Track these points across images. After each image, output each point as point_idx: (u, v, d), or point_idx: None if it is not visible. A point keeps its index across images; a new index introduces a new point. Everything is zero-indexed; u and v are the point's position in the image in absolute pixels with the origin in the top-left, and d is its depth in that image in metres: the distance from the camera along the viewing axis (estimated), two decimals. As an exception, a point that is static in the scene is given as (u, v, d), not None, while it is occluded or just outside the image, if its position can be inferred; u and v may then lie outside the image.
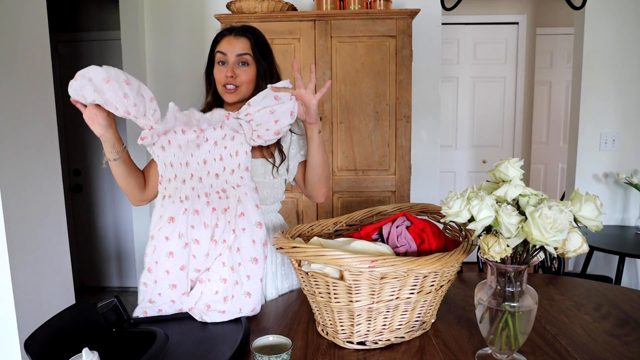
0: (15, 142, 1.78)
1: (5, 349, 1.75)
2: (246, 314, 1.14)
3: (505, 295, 0.91)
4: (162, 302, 1.16)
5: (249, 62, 1.28)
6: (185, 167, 1.17)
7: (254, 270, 1.15)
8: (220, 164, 1.17)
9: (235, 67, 1.27)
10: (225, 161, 1.17)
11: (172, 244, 1.15)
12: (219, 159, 1.17)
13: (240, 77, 1.27)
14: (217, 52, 1.28)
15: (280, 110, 1.15)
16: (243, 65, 1.27)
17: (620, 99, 2.76)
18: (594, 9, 2.69)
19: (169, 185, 1.18)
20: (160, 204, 1.18)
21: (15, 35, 1.79)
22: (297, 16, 2.45)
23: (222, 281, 1.15)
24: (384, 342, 1.02)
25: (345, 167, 2.53)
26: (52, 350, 0.95)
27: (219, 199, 1.17)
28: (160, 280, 1.15)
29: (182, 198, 1.16)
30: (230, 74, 1.26)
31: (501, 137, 4.08)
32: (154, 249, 1.16)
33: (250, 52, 1.28)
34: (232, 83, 1.26)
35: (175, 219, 1.15)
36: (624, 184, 2.79)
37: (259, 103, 1.15)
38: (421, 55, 2.84)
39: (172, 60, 2.97)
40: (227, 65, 1.27)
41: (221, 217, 1.17)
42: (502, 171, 0.93)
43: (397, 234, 1.14)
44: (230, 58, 1.27)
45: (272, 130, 1.16)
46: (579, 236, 0.86)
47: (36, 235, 1.89)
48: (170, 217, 1.15)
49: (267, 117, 1.14)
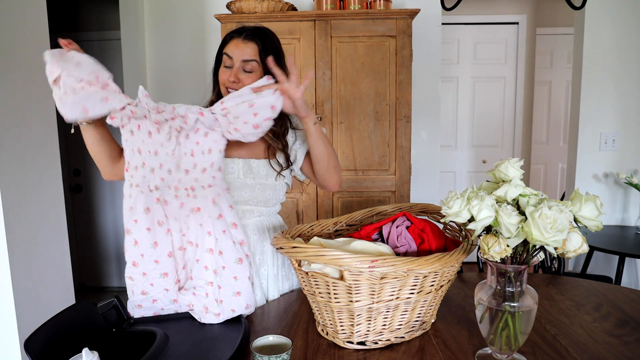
0: (15, 142, 1.78)
1: (5, 349, 1.75)
2: (241, 312, 1.14)
3: (505, 295, 0.91)
4: (155, 292, 1.14)
5: (255, 69, 1.25)
6: (154, 156, 1.10)
7: (240, 271, 1.13)
8: (191, 159, 1.12)
9: (240, 72, 1.24)
10: (197, 157, 1.12)
11: (156, 234, 1.11)
12: (190, 154, 1.12)
13: (244, 82, 1.23)
14: (224, 55, 1.26)
15: (260, 104, 1.10)
16: (246, 72, 1.25)
17: (620, 99, 2.76)
18: (594, 9, 2.69)
19: (136, 173, 1.12)
20: (129, 193, 1.12)
21: (15, 35, 1.79)
22: (297, 16, 2.45)
23: (209, 284, 1.13)
24: (384, 342, 1.02)
25: (345, 167, 2.53)
26: (51, 350, 0.95)
27: (186, 196, 1.13)
28: (150, 271, 1.12)
29: (152, 188, 1.11)
30: (233, 79, 1.23)
31: (501, 137, 4.08)
32: (134, 242, 1.11)
33: (257, 58, 1.25)
34: (234, 88, 1.24)
35: (151, 209, 1.11)
36: (624, 184, 2.79)
37: (237, 97, 1.10)
38: (421, 55, 2.84)
39: (172, 60, 2.97)
40: (231, 70, 1.25)
41: (192, 218, 1.13)
42: (502, 171, 0.93)
43: (397, 234, 1.14)
44: (236, 63, 1.24)
45: (251, 124, 1.10)
46: (579, 236, 0.86)
47: (36, 235, 1.89)
48: (146, 207, 1.10)
49: (245, 110, 1.09)
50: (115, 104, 1.04)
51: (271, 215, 1.39)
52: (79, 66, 1.04)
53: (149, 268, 1.12)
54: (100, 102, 1.03)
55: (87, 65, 1.04)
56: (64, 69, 1.03)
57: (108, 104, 1.04)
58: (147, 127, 1.10)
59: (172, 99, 2.95)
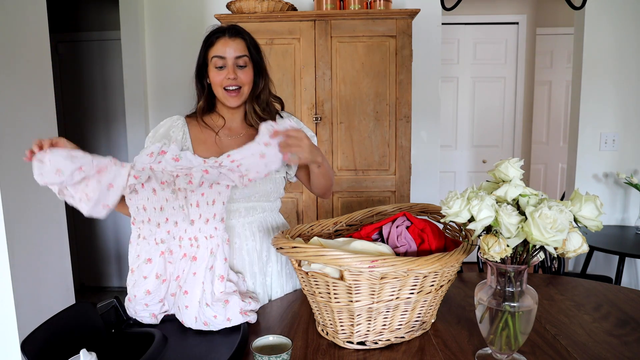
0: (15, 142, 1.78)
1: (5, 349, 1.75)
2: (236, 319, 1.11)
3: (505, 295, 0.91)
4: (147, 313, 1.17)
5: (247, 63, 1.27)
6: (160, 212, 1.13)
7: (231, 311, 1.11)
8: (196, 210, 1.14)
9: (235, 69, 1.25)
10: (202, 208, 1.14)
11: (149, 283, 1.13)
12: (196, 205, 1.14)
13: (241, 78, 1.26)
14: (214, 57, 1.25)
15: (271, 154, 1.13)
16: (241, 67, 1.26)
17: (620, 99, 2.76)
18: (594, 9, 2.68)
19: (143, 227, 1.15)
20: (136, 242, 1.16)
21: (15, 35, 1.79)
22: (297, 16, 2.45)
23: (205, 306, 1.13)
24: (384, 342, 1.02)
25: (345, 167, 2.53)
26: (49, 351, 0.95)
27: (190, 247, 1.14)
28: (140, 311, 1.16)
29: (158, 241, 1.14)
30: (233, 75, 1.24)
31: (501, 137, 4.08)
32: (133, 282, 1.14)
33: (247, 53, 1.27)
34: (234, 85, 1.25)
35: (153, 261, 1.14)
36: (624, 184, 2.79)
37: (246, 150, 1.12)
38: (421, 55, 2.84)
39: (172, 60, 2.97)
40: (226, 69, 1.25)
41: (189, 266, 1.14)
42: (502, 171, 0.93)
43: (397, 234, 1.14)
44: (229, 61, 1.25)
45: (263, 173, 1.14)
46: (579, 236, 0.86)
47: (36, 235, 1.89)
48: (148, 258, 1.13)
49: (256, 161, 1.12)
50: (120, 182, 1.07)
51: (273, 212, 1.39)
52: (60, 173, 1.00)
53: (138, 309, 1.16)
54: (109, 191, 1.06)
55: (67, 168, 1.01)
56: (57, 183, 1.01)
57: (116, 187, 1.06)
58: (152, 185, 1.12)
59: (172, 98, 2.95)
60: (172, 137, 1.29)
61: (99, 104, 3.58)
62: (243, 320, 1.10)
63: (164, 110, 2.99)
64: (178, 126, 1.32)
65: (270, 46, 2.46)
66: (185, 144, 1.30)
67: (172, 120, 1.34)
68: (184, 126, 1.32)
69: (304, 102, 2.49)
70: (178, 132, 1.30)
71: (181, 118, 1.35)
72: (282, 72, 2.47)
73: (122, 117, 3.41)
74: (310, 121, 2.49)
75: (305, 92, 2.48)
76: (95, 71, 3.57)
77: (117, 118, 3.55)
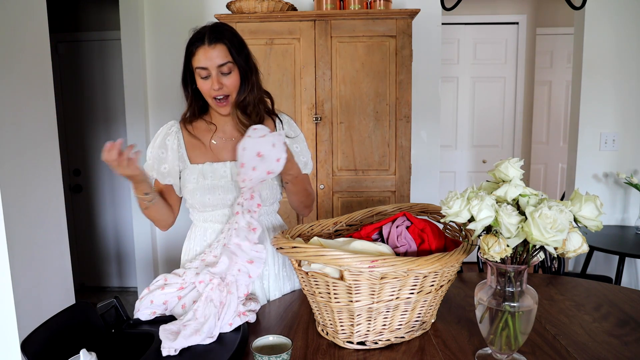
0: (15, 142, 1.78)
1: (6, 349, 1.75)
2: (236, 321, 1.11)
3: (505, 295, 0.91)
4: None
5: (232, 68, 1.24)
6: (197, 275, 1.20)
7: None
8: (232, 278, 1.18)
9: (220, 77, 1.23)
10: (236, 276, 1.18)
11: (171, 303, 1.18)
12: None
13: (227, 86, 1.24)
14: (197, 68, 1.23)
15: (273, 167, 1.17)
16: (225, 74, 1.23)
17: (620, 99, 2.76)
18: (594, 9, 2.68)
19: None
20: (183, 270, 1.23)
21: (15, 35, 1.79)
22: (297, 16, 2.45)
23: None
24: (384, 342, 1.02)
25: (345, 167, 2.53)
26: (49, 351, 0.95)
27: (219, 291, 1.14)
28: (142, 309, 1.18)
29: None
30: (217, 86, 1.22)
31: (501, 137, 4.08)
32: (150, 301, 1.17)
33: (230, 59, 1.23)
34: (221, 94, 1.24)
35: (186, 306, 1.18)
36: (624, 184, 2.79)
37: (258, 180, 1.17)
38: (421, 55, 2.84)
39: (172, 60, 2.96)
40: (210, 79, 1.23)
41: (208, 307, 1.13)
42: (502, 171, 0.93)
43: (397, 234, 1.14)
44: (212, 70, 1.22)
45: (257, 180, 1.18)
46: (579, 236, 0.86)
47: (36, 235, 1.89)
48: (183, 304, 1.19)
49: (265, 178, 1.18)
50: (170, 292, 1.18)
51: (270, 215, 1.39)
52: None
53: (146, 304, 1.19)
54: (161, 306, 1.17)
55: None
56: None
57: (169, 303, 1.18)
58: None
59: (172, 98, 2.95)
60: (169, 145, 1.32)
61: (98, 104, 3.58)
62: (242, 320, 1.10)
63: (164, 110, 3.00)
64: (172, 133, 1.34)
65: (270, 46, 2.46)
66: (180, 152, 1.33)
67: (168, 127, 1.35)
68: (178, 132, 1.34)
69: (304, 102, 2.49)
70: (173, 140, 1.33)
71: (176, 124, 1.36)
72: (282, 72, 2.47)
73: (122, 117, 3.41)
74: (310, 121, 2.49)
75: (305, 92, 2.48)
76: (95, 71, 3.57)
77: (117, 118, 3.55)
